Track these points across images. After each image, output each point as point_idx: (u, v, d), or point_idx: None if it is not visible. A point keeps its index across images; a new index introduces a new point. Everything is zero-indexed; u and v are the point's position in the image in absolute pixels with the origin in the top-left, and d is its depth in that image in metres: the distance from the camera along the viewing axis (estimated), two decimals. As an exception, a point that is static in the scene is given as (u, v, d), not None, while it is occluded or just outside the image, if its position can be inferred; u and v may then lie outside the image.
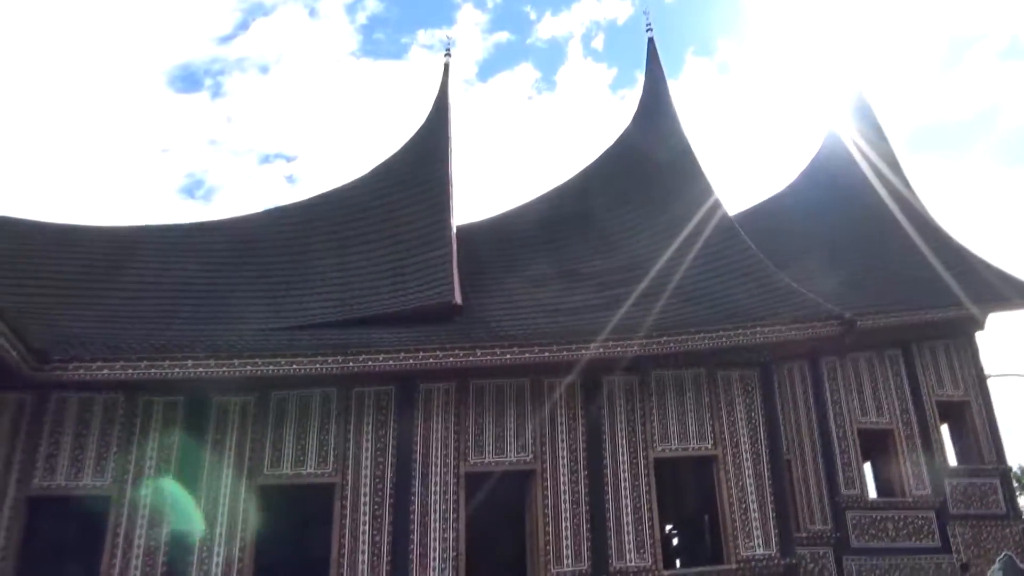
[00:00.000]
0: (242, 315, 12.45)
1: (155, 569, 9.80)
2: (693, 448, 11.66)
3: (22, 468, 9.97)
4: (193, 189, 63.13)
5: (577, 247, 15.72)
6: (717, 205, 15.29)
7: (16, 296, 11.55)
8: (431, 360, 10.44)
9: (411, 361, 10.45)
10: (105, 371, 9.97)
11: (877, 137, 19.62)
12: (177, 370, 10.09)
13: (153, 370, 10.07)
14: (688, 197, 15.81)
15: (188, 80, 61.04)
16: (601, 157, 18.71)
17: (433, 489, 10.60)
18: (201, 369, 10.12)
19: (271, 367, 10.25)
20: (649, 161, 17.53)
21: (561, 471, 11.08)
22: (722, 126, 64.55)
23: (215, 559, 9.95)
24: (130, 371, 10.00)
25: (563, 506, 10.85)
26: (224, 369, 10.15)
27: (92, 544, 10.55)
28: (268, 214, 15.63)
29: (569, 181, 18.11)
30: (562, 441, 11.26)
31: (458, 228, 15.07)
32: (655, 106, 19.44)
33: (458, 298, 12.46)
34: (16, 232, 14.39)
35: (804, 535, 12.44)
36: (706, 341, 11.54)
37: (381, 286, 13.37)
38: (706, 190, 15.83)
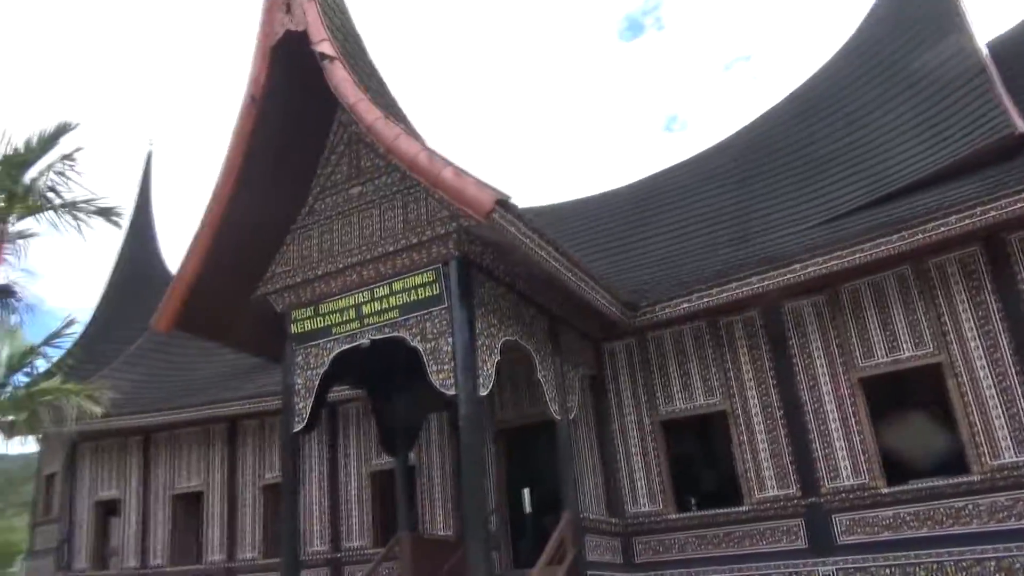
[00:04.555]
0: (776, 223, 12.50)
1: (785, 468, 10.54)
2: None
3: (648, 399, 11.72)
4: (670, 124, 66.19)
5: None
6: None
7: (591, 262, 13.58)
8: (1020, 205, 8.94)
9: (993, 213, 9.11)
10: (684, 305, 11.09)
11: None
12: (745, 289, 10.64)
13: (724, 294, 10.81)
14: None
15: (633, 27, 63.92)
16: None
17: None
18: (767, 282, 10.49)
19: (833, 263, 10.06)
20: None
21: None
22: None
23: (838, 452, 10.24)
24: (705, 300, 10.93)
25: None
26: (787, 276, 10.34)
27: (722, 454, 11.90)
28: (764, 120, 15.42)
29: None
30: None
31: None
32: None
33: (1021, 126, 10.45)
34: (557, 215, 16.99)
35: None
36: None
37: (913, 148, 12.00)
38: None
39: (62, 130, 12.18)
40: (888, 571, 9.49)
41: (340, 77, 9.25)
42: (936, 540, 9.33)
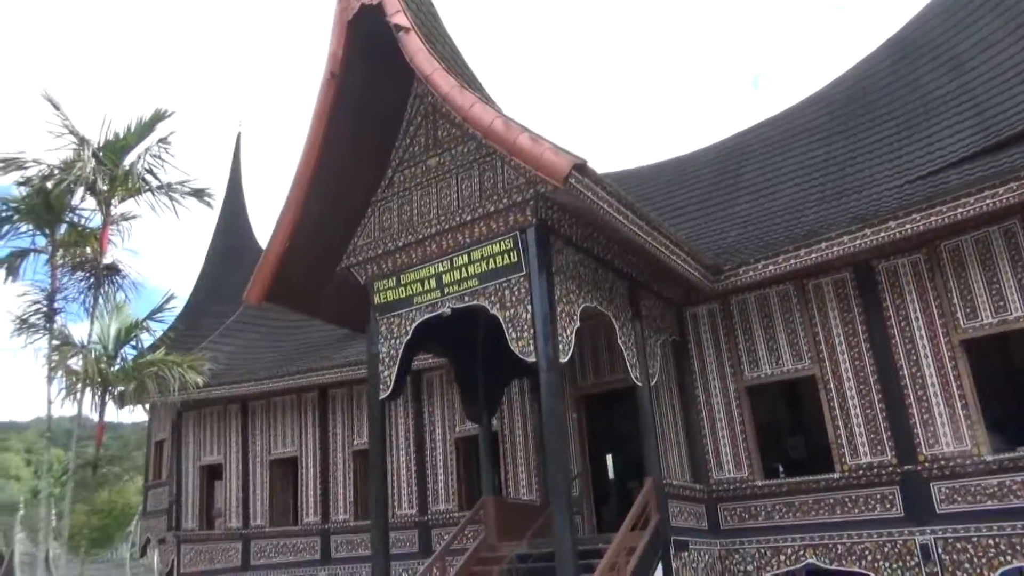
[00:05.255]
0: (873, 177, 11.92)
1: (879, 435, 10.15)
2: None
3: (732, 365, 11.46)
4: (756, 82, 63.99)
5: None
6: None
7: (672, 225, 13.32)
8: None
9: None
10: (770, 268, 10.73)
11: None
12: (836, 249, 10.20)
13: (813, 255, 10.39)
14: None
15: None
16: None
17: None
18: (859, 241, 10.03)
19: (934, 219, 9.51)
20: None
21: None
22: None
23: (937, 418, 9.79)
24: (792, 261, 10.54)
25: None
26: (883, 235, 9.84)
27: (811, 420, 11.57)
28: (858, 70, 14.65)
29: None
30: None
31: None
32: None
33: None
34: (637, 179, 16.69)
35: None
36: None
37: (1020, 94, 11.17)
38: None
39: (158, 117, 12.77)
40: (992, 541, 9.04)
41: (415, 48, 9.28)
42: (1047, 510, 8.82)
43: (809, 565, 10.31)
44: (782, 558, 10.41)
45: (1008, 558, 8.92)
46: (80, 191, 12.52)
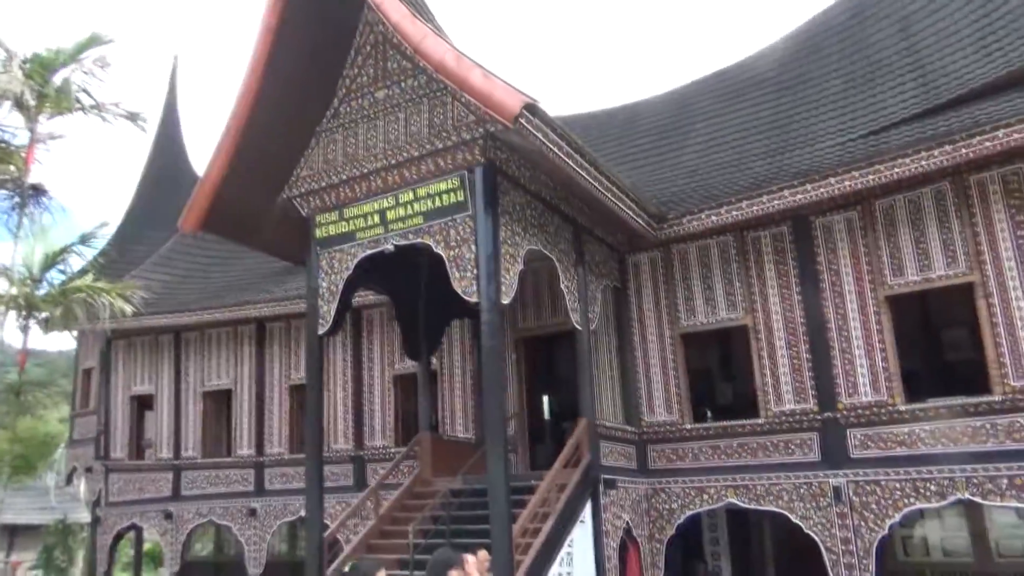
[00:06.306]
0: (818, 133, 12.15)
1: (804, 384, 10.60)
2: None
3: (669, 312, 11.73)
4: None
5: None
6: None
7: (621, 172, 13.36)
8: (1072, 120, 8.54)
9: (1043, 129, 8.72)
10: (712, 218, 10.92)
11: None
12: (776, 202, 10.43)
13: (754, 207, 10.61)
14: None
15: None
16: None
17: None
18: (799, 196, 10.27)
19: (871, 177, 9.79)
20: None
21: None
22: None
23: (858, 369, 10.25)
24: (734, 213, 10.74)
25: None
26: (822, 190, 10.10)
27: (739, 367, 11.98)
28: (811, 24, 14.74)
29: None
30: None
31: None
32: None
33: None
34: (590, 124, 16.60)
35: None
36: None
37: (968, 56, 11.46)
38: None
39: (95, 40, 12.05)
40: (899, 484, 9.65)
41: (365, -28, 8.92)
42: (949, 457, 9.42)
43: (729, 504, 10.83)
44: (705, 497, 10.90)
45: (912, 500, 9.55)
46: (6, 105, 11.81)
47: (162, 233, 19.60)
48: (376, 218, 9.51)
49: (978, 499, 9.24)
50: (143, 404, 17.60)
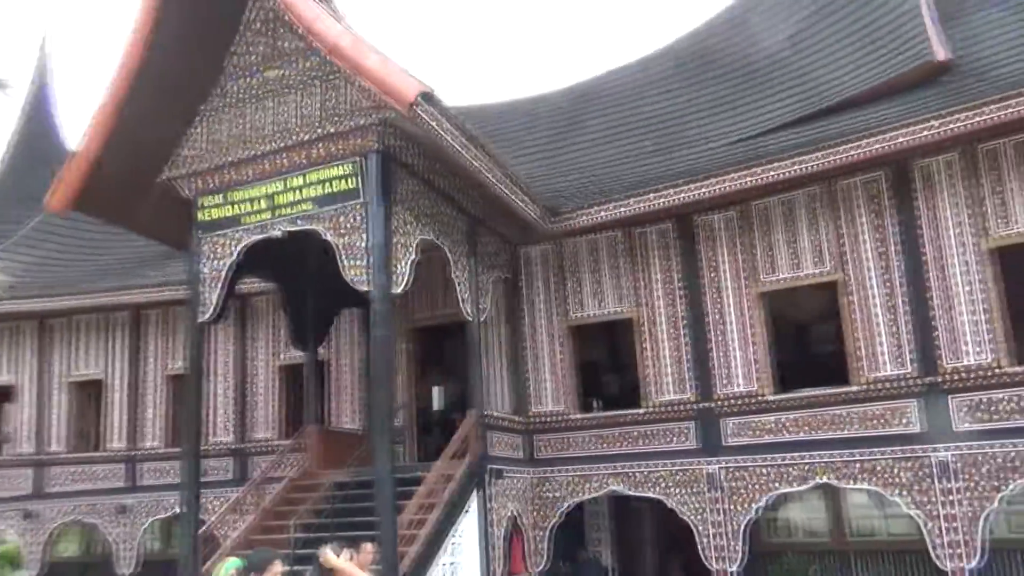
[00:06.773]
0: (708, 134, 12.65)
1: (684, 375, 11.08)
2: None
3: (559, 304, 11.98)
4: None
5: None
6: None
7: (516, 166, 13.48)
8: (926, 133, 9.32)
9: (901, 140, 9.48)
10: (602, 214, 11.22)
11: None
12: (662, 200, 10.83)
13: (640, 205, 10.98)
14: None
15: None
16: None
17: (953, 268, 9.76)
18: (682, 195, 10.71)
19: (747, 179, 10.32)
20: None
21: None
22: None
23: (733, 362, 10.82)
24: (622, 209, 11.08)
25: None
26: (704, 190, 10.57)
27: (626, 359, 12.39)
28: (709, 25, 15.32)
29: None
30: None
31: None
32: None
33: (941, 54, 10.76)
34: (490, 115, 16.64)
35: None
36: None
37: (848, 66, 12.20)
38: None
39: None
40: (766, 470, 10.27)
41: (256, -55, 8.61)
42: (811, 444, 10.11)
43: (612, 491, 11.20)
44: (589, 485, 11.22)
45: (776, 484, 10.20)
46: None
47: (29, 212, 18.17)
48: (263, 202, 9.22)
49: (835, 482, 9.97)
50: (2, 396, 16.32)
